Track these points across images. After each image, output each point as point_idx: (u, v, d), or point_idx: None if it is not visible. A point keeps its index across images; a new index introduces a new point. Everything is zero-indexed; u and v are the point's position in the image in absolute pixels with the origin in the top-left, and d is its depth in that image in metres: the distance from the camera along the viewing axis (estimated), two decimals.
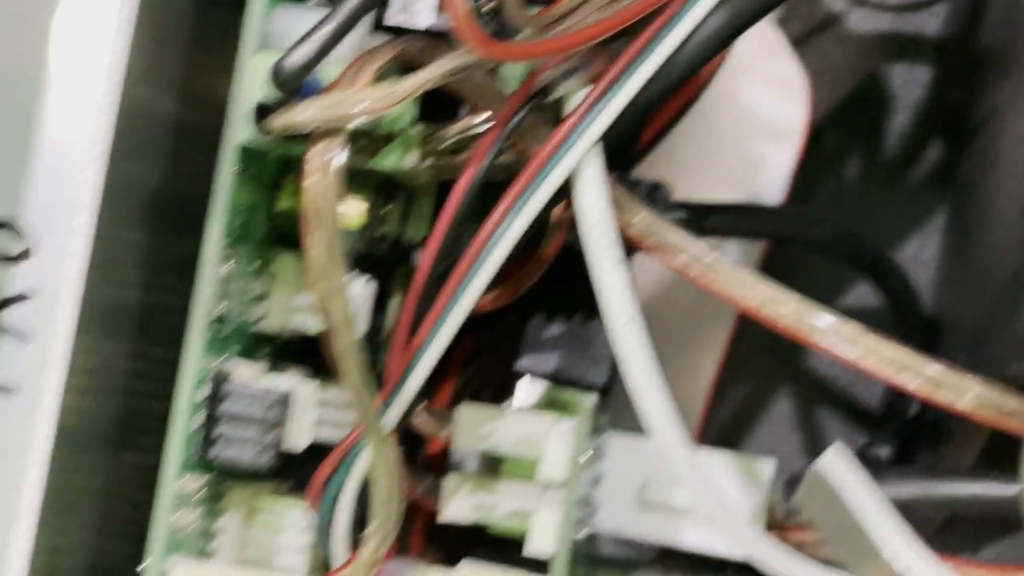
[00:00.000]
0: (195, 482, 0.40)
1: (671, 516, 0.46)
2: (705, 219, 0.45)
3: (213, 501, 0.42)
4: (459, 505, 0.43)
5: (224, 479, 0.42)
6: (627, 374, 0.40)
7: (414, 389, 0.40)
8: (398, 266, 0.46)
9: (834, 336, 0.39)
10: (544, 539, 0.41)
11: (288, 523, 0.42)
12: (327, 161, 0.37)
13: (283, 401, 0.40)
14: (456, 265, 0.40)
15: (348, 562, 0.40)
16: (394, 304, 0.46)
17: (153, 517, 0.39)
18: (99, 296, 0.39)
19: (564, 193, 0.41)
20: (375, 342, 0.44)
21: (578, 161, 0.39)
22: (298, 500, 0.43)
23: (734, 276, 0.41)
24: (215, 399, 0.40)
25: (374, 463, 0.39)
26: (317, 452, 0.42)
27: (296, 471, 0.45)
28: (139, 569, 0.39)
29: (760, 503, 0.44)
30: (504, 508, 0.42)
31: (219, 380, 0.40)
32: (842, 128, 0.54)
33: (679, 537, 0.46)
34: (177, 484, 0.39)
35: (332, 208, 0.37)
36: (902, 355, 0.39)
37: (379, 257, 0.44)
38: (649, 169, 0.48)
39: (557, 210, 0.44)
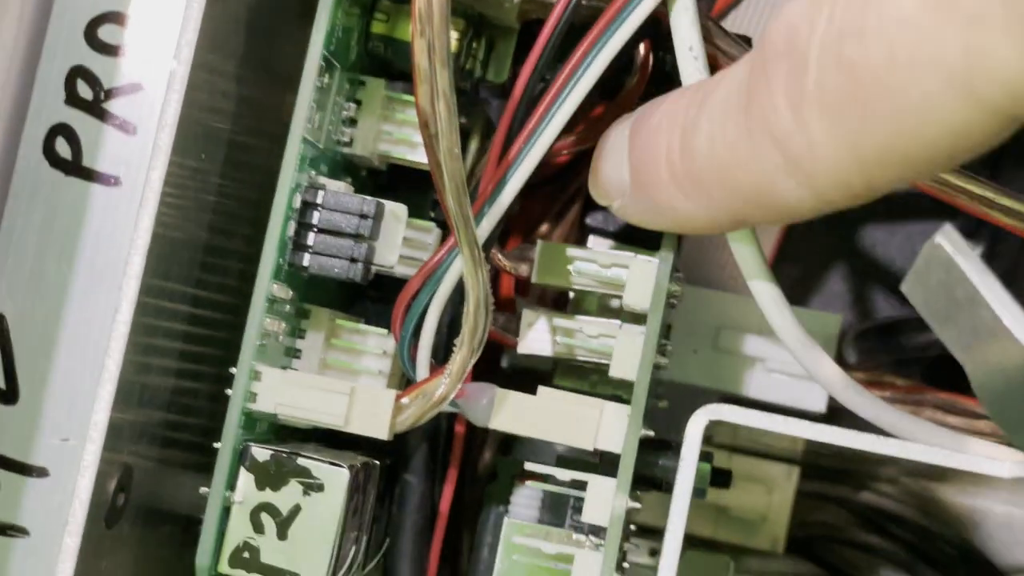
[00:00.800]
0: (284, 292, 0.40)
1: (740, 365, 0.47)
2: None
3: (296, 318, 0.42)
4: (539, 336, 0.44)
5: (307, 299, 0.42)
6: None
7: (506, 203, 0.40)
8: (474, 109, 0.47)
9: None
10: (628, 364, 0.41)
11: (367, 347, 0.43)
12: None
13: (376, 214, 0.40)
14: (551, 83, 0.40)
15: (440, 371, 0.40)
16: (472, 146, 0.47)
17: (248, 320, 0.39)
18: (195, 112, 0.39)
19: (648, 30, 0.41)
20: None
21: None
22: (377, 328, 0.43)
23: None
24: (309, 208, 0.40)
25: (468, 271, 0.39)
26: (391, 289, 0.42)
27: (369, 309, 0.45)
28: (231, 370, 0.39)
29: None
30: (584, 337, 0.42)
31: (313, 189, 0.40)
32: None
33: (747, 386, 0.47)
34: (271, 288, 0.39)
35: (441, 8, 0.37)
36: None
37: (460, 95, 0.45)
38: None
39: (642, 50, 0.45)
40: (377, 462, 0.42)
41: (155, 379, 0.40)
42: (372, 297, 0.46)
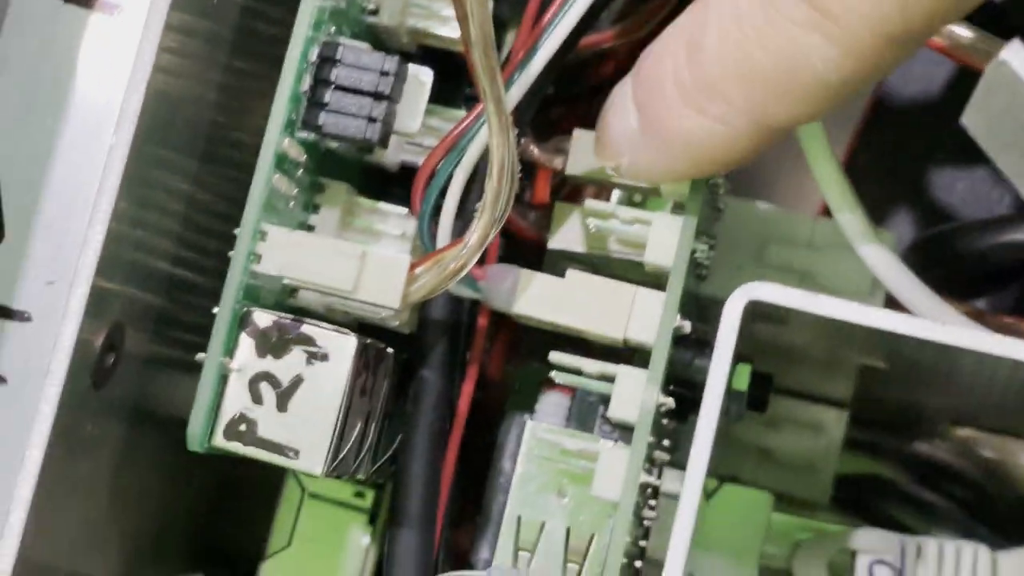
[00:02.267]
0: (296, 151, 0.37)
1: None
2: None
3: (311, 192, 0.39)
4: (571, 231, 0.41)
5: (324, 171, 0.39)
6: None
7: (536, 70, 0.38)
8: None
9: None
10: (663, 249, 0.38)
11: (385, 228, 0.40)
12: None
13: (399, 73, 0.38)
14: None
15: (458, 241, 0.37)
16: (509, 38, 0.44)
17: (256, 175, 0.36)
18: None
19: None
20: None
21: None
22: (396, 207, 0.40)
23: None
24: (327, 64, 0.37)
25: (493, 128, 0.36)
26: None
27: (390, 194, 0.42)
28: (235, 231, 0.37)
29: None
30: (619, 224, 0.39)
31: (332, 44, 0.37)
32: None
33: None
34: (281, 142, 0.37)
35: None
36: None
37: None
38: None
39: None
40: (391, 349, 0.39)
41: (149, 252, 0.38)
42: (398, 194, 0.43)
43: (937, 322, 0.35)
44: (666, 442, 0.40)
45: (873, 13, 0.29)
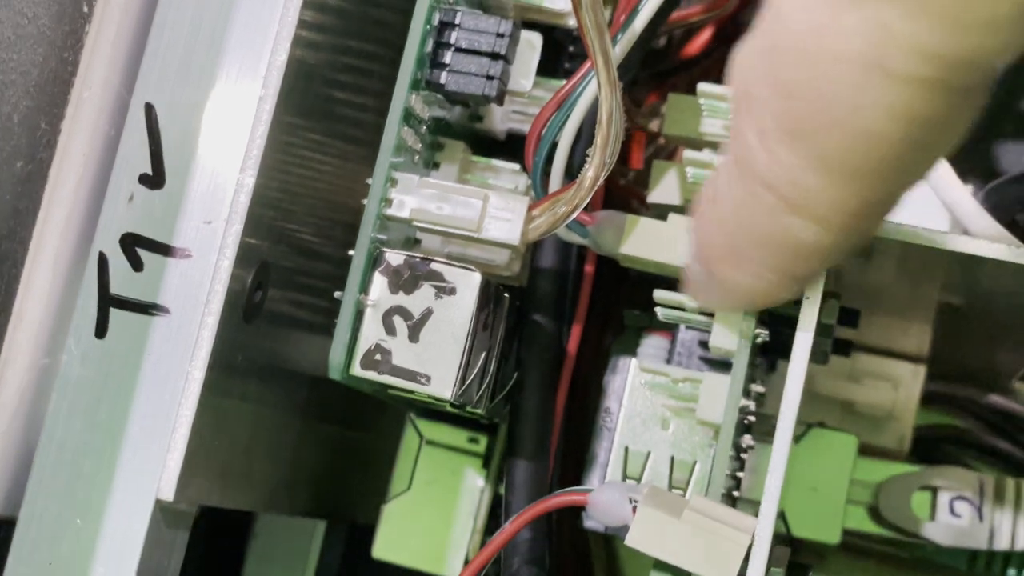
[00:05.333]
0: (420, 106, 0.41)
1: None
2: None
3: (431, 151, 0.43)
4: (668, 186, 0.44)
5: (442, 129, 0.43)
6: None
7: (639, 29, 0.41)
8: None
9: None
10: None
11: (499, 182, 0.44)
12: None
13: (513, 35, 0.41)
14: None
15: (571, 184, 0.40)
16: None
17: (387, 127, 0.40)
18: None
19: None
20: None
21: None
22: (509, 163, 0.44)
23: None
24: (446, 28, 0.41)
25: (601, 81, 0.39)
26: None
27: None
28: (368, 180, 0.40)
29: None
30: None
31: (450, 12, 0.41)
32: None
33: None
34: (409, 98, 0.40)
35: None
36: None
37: None
38: None
39: None
40: (506, 294, 0.42)
41: (285, 215, 0.41)
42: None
43: (1014, 247, 0.38)
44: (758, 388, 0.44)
45: (828, 197, 0.31)
